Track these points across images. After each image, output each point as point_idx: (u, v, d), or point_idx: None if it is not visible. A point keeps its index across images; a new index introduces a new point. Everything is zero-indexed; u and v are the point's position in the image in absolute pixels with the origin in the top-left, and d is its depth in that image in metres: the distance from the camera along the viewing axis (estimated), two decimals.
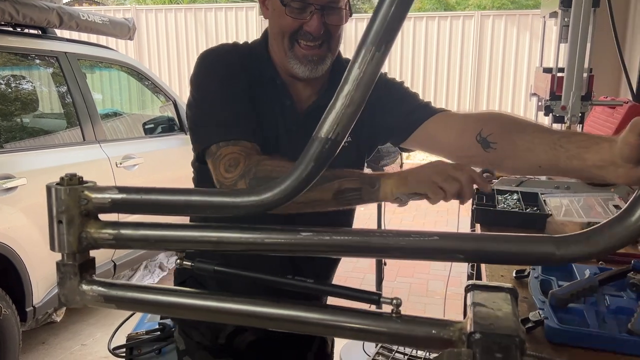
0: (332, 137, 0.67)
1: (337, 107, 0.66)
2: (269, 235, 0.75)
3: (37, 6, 2.92)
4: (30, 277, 2.64)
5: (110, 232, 0.80)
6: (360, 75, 0.65)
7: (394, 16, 0.63)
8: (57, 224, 0.80)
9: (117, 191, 0.80)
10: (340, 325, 0.75)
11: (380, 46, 0.64)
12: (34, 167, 2.72)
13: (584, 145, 0.83)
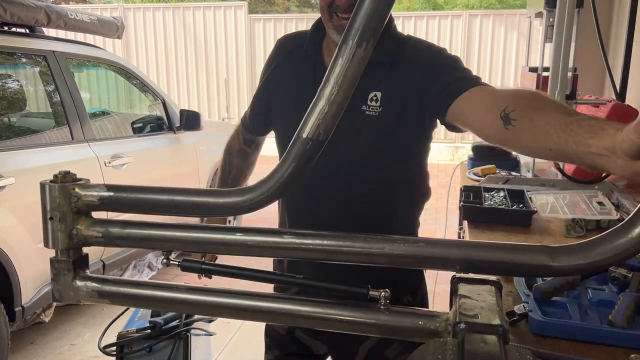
0: (313, 137, 0.68)
1: (318, 107, 0.67)
2: (251, 237, 0.76)
3: (24, 4, 2.91)
4: (19, 277, 2.63)
5: (99, 230, 0.82)
6: (342, 74, 0.65)
7: (377, 12, 0.63)
8: (49, 221, 0.82)
9: (105, 189, 0.82)
10: (330, 318, 0.77)
11: (361, 43, 0.64)
12: (22, 166, 2.71)
13: (591, 131, 0.78)
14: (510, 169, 2.52)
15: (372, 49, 0.66)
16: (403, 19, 9.26)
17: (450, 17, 9.20)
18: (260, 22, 9.74)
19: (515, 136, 0.95)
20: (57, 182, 0.84)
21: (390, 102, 1.22)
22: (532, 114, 0.91)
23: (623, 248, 0.59)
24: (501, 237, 1.69)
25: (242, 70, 9.85)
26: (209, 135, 4.47)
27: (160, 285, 0.85)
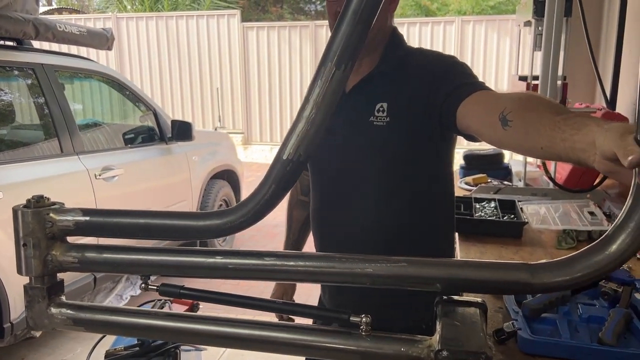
0: (294, 158, 0.67)
1: (298, 129, 0.66)
2: (231, 260, 0.75)
3: (12, 18, 2.89)
4: (7, 293, 2.60)
5: (75, 255, 0.80)
6: (321, 95, 0.64)
7: (356, 35, 0.62)
8: (22, 247, 0.80)
9: (81, 213, 0.80)
10: (309, 345, 0.75)
11: (340, 65, 0.63)
12: (10, 180, 2.68)
13: (576, 127, 0.80)
14: (502, 178, 2.51)
15: (350, 71, 0.65)
16: (396, 25, 9.28)
17: (442, 23, 9.23)
18: (253, 30, 9.75)
19: (511, 136, 0.96)
20: (31, 207, 0.82)
21: (397, 111, 1.23)
22: (526, 115, 0.92)
23: (601, 264, 0.60)
24: (492, 249, 1.68)
25: (235, 79, 9.84)
26: (202, 145, 4.45)
27: (138, 312, 0.83)
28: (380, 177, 1.28)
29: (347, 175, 1.31)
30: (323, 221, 1.38)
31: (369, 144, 1.26)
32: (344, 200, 1.32)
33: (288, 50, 9.63)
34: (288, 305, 0.81)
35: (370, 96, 1.26)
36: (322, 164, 1.35)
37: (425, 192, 1.30)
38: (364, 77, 1.29)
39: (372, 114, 1.25)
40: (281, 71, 9.67)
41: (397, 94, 1.25)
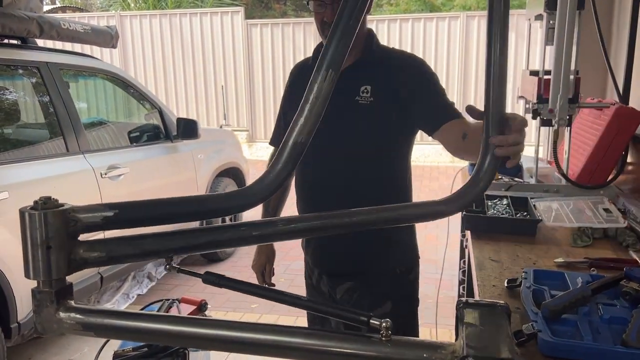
0: (300, 140, 0.84)
1: (303, 116, 0.83)
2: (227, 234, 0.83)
3: (16, 16, 2.87)
4: (14, 293, 2.58)
5: (101, 250, 0.79)
6: (319, 92, 0.82)
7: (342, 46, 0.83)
8: (45, 250, 0.77)
9: (107, 209, 0.78)
10: (328, 351, 0.73)
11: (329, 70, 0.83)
12: (16, 180, 2.66)
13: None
14: (512, 175, 2.47)
15: (338, 73, 0.84)
16: (400, 21, 9.22)
17: (447, 18, 9.16)
18: (257, 27, 9.71)
19: (468, 147, 1.36)
20: (38, 209, 0.79)
21: (379, 94, 1.55)
22: (475, 130, 1.32)
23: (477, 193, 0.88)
24: (506, 247, 1.64)
25: (240, 76, 9.81)
26: (207, 143, 4.42)
27: (147, 316, 0.80)
28: (360, 148, 1.57)
29: (332, 148, 1.57)
30: (305, 187, 1.69)
31: (353, 119, 1.56)
32: (325, 167, 1.61)
33: (292, 47, 9.59)
34: (313, 303, 0.83)
35: (355, 81, 1.56)
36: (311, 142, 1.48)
37: (395, 167, 1.64)
38: (349, 66, 1.57)
39: (357, 94, 1.55)
40: (285, 68, 9.63)
41: (380, 79, 1.56)
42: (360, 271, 1.66)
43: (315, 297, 1.79)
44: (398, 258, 1.68)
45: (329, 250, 1.68)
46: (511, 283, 1.32)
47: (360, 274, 1.66)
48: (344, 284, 1.68)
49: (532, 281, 1.27)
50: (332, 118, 1.49)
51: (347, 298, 1.67)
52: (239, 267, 4.52)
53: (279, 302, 0.80)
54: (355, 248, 1.61)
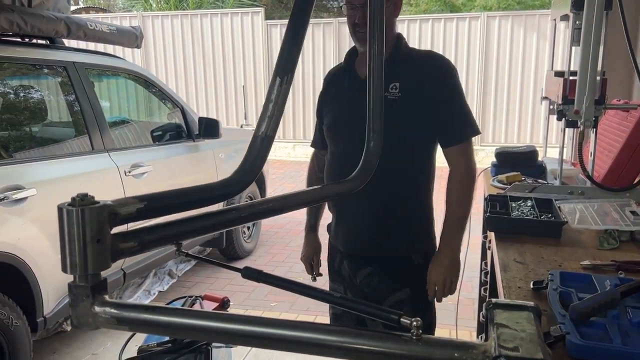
0: (266, 134, 0.92)
1: (267, 114, 0.92)
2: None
3: (45, 17, 2.92)
4: (40, 288, 2.64)
5: (134, 240, 0.81)
6: (278, 93, 0.90)
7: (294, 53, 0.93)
8: (82, 245, 0.79)
9: (138, 201, 0.81)
10: (358, 349, 0.73)
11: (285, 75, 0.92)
12: (43, 177, 2.72)
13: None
14: (536, 176, 2.45)
15: (291, 81, 0.92)
16: (420, 21, 9.18)
17: (468, 19, 9.09)
18: (277, 27, 9.75)
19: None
20: (76, 205, 0.81)
21: (407, 91, 1.65)
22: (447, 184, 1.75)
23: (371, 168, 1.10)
24: (531, 249, 1.63)
25: (259, 77, 9.86)
26: (228, 143, 4.46)
27: (180, 312, 0.82)
28: (388, 143, 1.62)
29: (360, 142, 1.64)
30: (334, 177, 1.78)
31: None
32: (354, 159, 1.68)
33: (311, 47, 9.62)
34: (345, 300, 0.85)
35: (385, 78, 1.64)
36: (342, 135, 1.77)
37: (419, 161, 1.75)
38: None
39: (386, 90, 1.63)
40: (304, 68, 9.66)
41: (408, 77, 1.67)
42: (379, 256, 1.77)
43: (336, 280, 1.92)
44: (416, 246, 1.79)
45: (353, 234, 1.80)
46: (537, 285, 1.31)
47: (379, 259, 1.77)
48: (364, 269, 1.80)
49: (558, 283, 1.26)
50: (362, 112, 1.62)
51: (367, 282, 1.80)
52: (258, 265, 4.55)
53: (313, 298, 0.81)
54: (376, 233, 1.75)
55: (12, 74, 3.18)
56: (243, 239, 4.67)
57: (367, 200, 1.73)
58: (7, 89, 3.18)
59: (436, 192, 1.86)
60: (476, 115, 8.88)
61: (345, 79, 1.81)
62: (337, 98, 1.84)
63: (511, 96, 8.97)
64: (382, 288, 1.78)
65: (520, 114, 8.97)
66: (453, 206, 1.73)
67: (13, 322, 2.47)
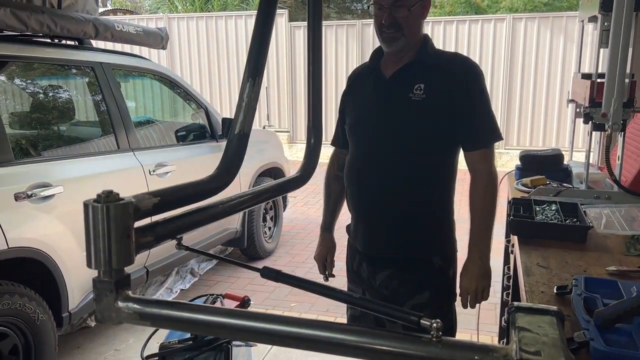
0: (242, 132, 1.00)
1: (241, 114, 0.99)
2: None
3: (74, 18, 2.99)
4: (66, 284, 2.69)
5: (151, 234, 0.85)
6: (250, 94, 0.99)
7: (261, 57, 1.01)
8: (106, 241, 0.80)
9: (152, 196, 0.85)
10: (378, 349, 0.73)
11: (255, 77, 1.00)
12: (70, 175, 2.77)
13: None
14: (561, 180, 2.41)
15: (261, 81, 1.00)
16: (445, 23, 9.12)
17: (493, 21, 8.99)
18: (300, 29, 9.79)
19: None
20: (101, 202, 0.83)
21: (431, 93, 1.65)
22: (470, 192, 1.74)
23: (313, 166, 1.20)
24: (555, 254, 1.61)
25: (282, 78, 9.90)
26: (250, 143, 4.42)
27: (202, 309, 0.83)
28: (411, 144, 1.67)
29: (383, 140, 1.70)
30: (354, 177, 1.80)
31: (407, 115, 1.68)
32: (375, 158, 1.73)
33: (334, 48, 9.62)
34: (364, 300, 0.86)
35: (410, 79, 1.68)
36: (365, 134, 1.77)
37: (441, 163, 1.73)
38: (405, 65, 1.70)
39: (411, 91, 1.66)
40: (327, 70, 9.66)
41: (433, 78, 1.67)
42: (399, 258, 1.75)
43: (355, 281, 1.91)
44: (436, 249, 1.77)
45: (373, 235, 1.79)
46: (561, 290, 1.29)
47: (399, 262, 1.76)
48: (384, 271, 1.78)
49: (583, 289, 1.24)
50: (386, 112, 1.71)
51: (386, 284, 1.78)
52: (279, 265, 4.57)
53: (332, 298, 0.81)
54: (396, 235, 1.74)
55: (41, 74, 3.25)
56: (264, 239, 4.70)
57: (387, 203, 1.72)
58: (37, 89, 3.26)
59: (457, 193, 1.84)
60: (501, 118, 8.78)
61: (370, 79, 1.81)
62: (360, 97, 1.85)
63: (537, 99, 8.84)
64: (401, 291, 1.76)
65: (546, 117, 8.83)
66: (478, 214, 1.71)
67: (39, 317, 2.53)
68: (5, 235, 2.37)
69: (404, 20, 1.64)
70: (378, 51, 1.81)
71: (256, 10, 1.03)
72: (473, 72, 1.71)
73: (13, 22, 2.62)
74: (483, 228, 1.70)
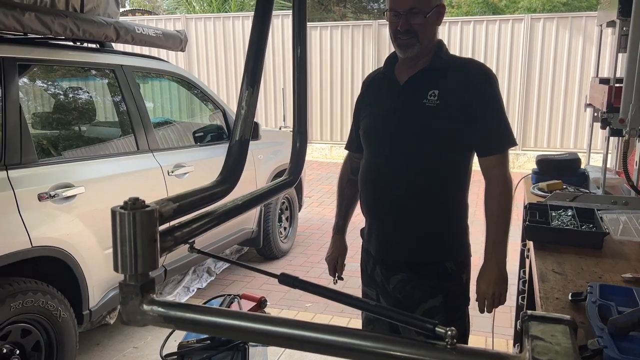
0: (245, 136, 1.06)
1: (241, 120, 1.06)
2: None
3: (95, 22, 3.05)
4: (86, 282, 2.75)
5: (171, 237, 0.91)
6: (248, 101, 1.05)
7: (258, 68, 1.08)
8: (132, 247, 0.83)
9: (172, 202, 0.91)
10: (393, 355, 0.75)
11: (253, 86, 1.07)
12: (91, 176, 2.83)
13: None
14: (578, 184, 2.40)
15: (259, 89, 1.08)
16: (462, 23, 9.07)
17: (511, 21, 8.93)
18: (317, 29, 9.81)
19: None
20: (127, 209, 0.86)
21: (446, 99, 1.66)
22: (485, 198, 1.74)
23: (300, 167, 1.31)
24: (570, 260, 1.61)
25: None
26: (267, 144, 4.53)
27: (224, 313, 0.86)
28: (425, 150, 1.69)
29: (397, 146, 1.72)
30: (369, 182, 1.81)
31: (420, 121, 1.69)
32: (390, 164, 1.74)
33: (350, 49, 9.63)
34: (380, 308, 0.86)
35: (424, 85, 1.70)
36: (379, 140, 1.78)
37: (455, 168, 1.74)
38: (419, 71, 1.71)
39: (425, 97, 1.67)
40: (343, 71, 9.68)
41: (447, 84, 1.67)
42: (413, 262, 1.77)
43: (369, 285, 1.93)
44: (450, 254, 1.77)
45: (387, 239, 1.81)
46: (576, 297, 1.30)
47: (413, 266, 1.77)
48: (397, 275, 1.79)
49: (598, 296, 1.24)
50: (400, 118, 1.73)
51: (400, 288, 1.79)
52: (294, 265, 4.61)
53: (349, 305, 0.83)
54: (409, 239, 1.76)
55: (63, 76, 3.32)
56: (280, 239, 4.73)
57: (402, 208, 1.74)
58: (59, 91, 3.33)
59: (471, 194, 1.85)
60: (518, 119, 8.71)
61: (384, 84, 1.83)
62: (375, 103, 1.86)
63: (555, 100, 8.76)
64: (415, 295, 1.77)
65: (564, 119, 8.75)
66: (494, 219, 1.71)
67: (61, 314, 2.59)
68: (30, 234, 2.44)
69: (419, 27, 1.65)
70: (392, 57, 1.83)
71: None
72: (487, 77, 1.72)
73: (38, 26, 2.69)
74: (499, 234, 1.71)
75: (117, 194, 2.83)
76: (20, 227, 2.41)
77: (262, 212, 4.45)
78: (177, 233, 0.93)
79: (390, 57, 1.84)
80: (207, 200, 1.03)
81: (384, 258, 1.84)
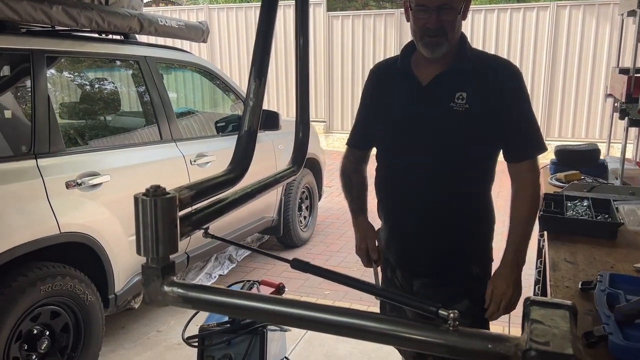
0: (253, 127, 1.09)
1: (249, 109, 1.08)
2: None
3: (120, 14, 3.12)
4: (112, 267, 2.84)
5: (189, 222, 0.95)
6: (255, 94, 1.07)
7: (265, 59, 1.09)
8: (154, 231, 0.89)
9: (188, 190, 0.96)
10: (399, 336, 0.79)
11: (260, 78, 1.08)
12: (116, 164, 2.92)
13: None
14: (596, 175, 2.40)
15: (266, 81, 1.08)
16: (485, 12, 8.95)
17: (536, 8, 8.78)
18: (338, 19, 9.79)
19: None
20: (149, 196, 0.91)
21: (475, 102, 1.55)
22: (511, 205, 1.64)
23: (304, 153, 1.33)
24: (583, 249, 1.63)
25: (319, 69, 9.95)
26: (287, 134, 4.57)
27: (241, 294, 0.91)
28: (453, 156, 1.59)
29: (423, 150, 1.62)
30: (390, 187, 1.72)
31: (449, 125, 1.58)
32: (413, 173, 1.64)
33: (372, 38, 9.60)
34: (385, 291, 0.89)
35: (450, 86, 1.57)
36: (401, 145, 1.67)
37: (482, 173, 1.66)
38: (444, 71, 1.59)
39: (452, 100, 1.55)
40: (364, 60, 9.66)
41: (476, 86, 1.56)
42: (437, 266, 1.70)
43: (389, 288, 1.83)
44: (476, 258, 1.71)
45: (410, 255, 1.74)
46: (585, 285, 1.32)
47: (437, 270, 1.70)
48: (420, 279, 1.74)
49: (607, 284, 1.26)
50: (425, 122, 1.62)
51: (423, 292, 1.71)
52: (313, 254, 4.67)
53: (357, 289, 0.88)
54: (434, 246, 1.67)
55: (88, 67, 3.41)
56: (300, 228, 4.79)
57: (427, 214, 1.66)
58: (85, 82, 3.42)
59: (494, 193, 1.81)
60: (542, 109, 8.59)
61: (402, 83, 1.68)
62: (393, 104, 1.70)
63: (580, 90, 8.61)
64: (439, 299, 1.64)
65: (590, 109, 8.60)
66: (521, 223, 1.61)
67: (88, 298, 2.69)
68: (58, 221, 2.53)
69: (449, 24, 1.52)
70: (410, 46, 1.68)
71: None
72: (517, 79, 1.61)
73: (65, 18, 2.76)
74: (524, 240, 1.61)
75: (141, 182, 2.88)
76: (49, 213, 2.51)
77: (283, 201, 4.51)
78: (194, 218, 0.98)
79: (406, 49, 1.69)
80: (219, 188, 1.08)
81: (406, 263, 1.77)
